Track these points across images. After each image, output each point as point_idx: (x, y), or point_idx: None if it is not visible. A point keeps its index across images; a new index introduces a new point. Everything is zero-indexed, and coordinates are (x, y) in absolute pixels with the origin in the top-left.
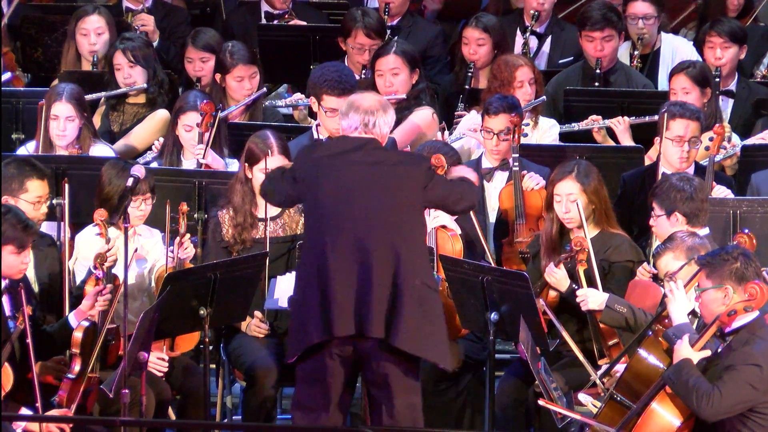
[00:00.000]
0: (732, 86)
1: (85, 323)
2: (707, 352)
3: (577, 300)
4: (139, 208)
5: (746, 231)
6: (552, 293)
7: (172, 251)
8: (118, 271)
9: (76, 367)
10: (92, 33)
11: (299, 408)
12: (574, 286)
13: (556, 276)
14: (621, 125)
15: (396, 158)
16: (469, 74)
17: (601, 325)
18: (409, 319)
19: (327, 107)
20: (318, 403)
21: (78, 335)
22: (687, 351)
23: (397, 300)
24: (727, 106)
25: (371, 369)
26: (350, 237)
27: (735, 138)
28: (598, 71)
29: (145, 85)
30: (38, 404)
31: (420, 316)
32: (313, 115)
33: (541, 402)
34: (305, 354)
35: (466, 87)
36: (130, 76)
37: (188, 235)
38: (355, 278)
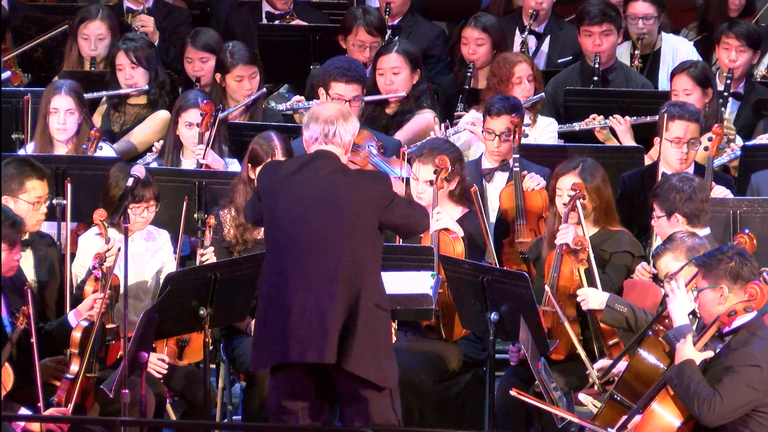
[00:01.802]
0: (740, 89)
1: (84, 323)
2: (710, 353)
3: (578, 299)
4: (141, 215)
5: (747, 231)
6: (568, 276)
7: (198, 253)
8: (118, 271)
9: (74, 367)
10: (93, 38)
11: (272, 414)
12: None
13: (566, 232)
14: (622, 125)
15: (353, 178)
16: (469, 74)
17: (602, 325)
18: (361, 343)
19: (334, 94)
20: (290, 410)
21: (77, 335)
22: (690, 351)
23: (351, 325)
24: (734, 108)
25: (338, 384)
26: (306, 260)
27: (739, 140)
28: (596, 66)
29: (146, 87)
30: (40, 404)
31: (369, 339)
32: None
33: (512, 392)
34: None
35: (466, 87)
36: (132, 77)
37: (211, 248)
38: (313, 303)
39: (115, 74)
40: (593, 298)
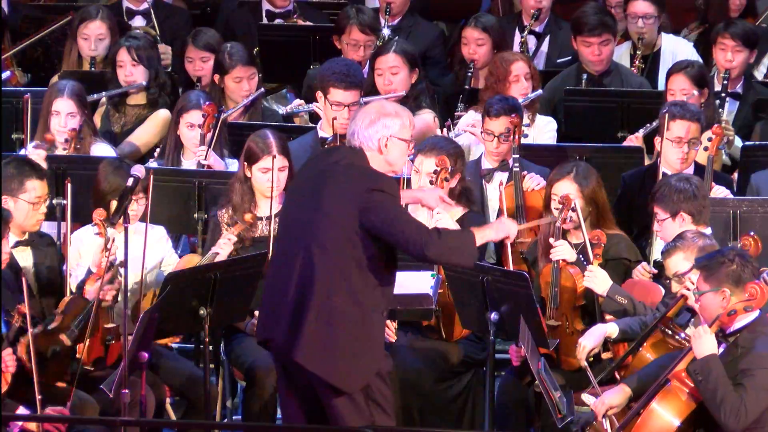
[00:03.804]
0: (738, 88)
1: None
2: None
3: (585, 273)
4: (131, 207)
5: (752, 233)
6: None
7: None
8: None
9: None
10: (93, 38)
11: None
12: (581, 257)
13: (562, 247)
14: (634, 143)
15: (344, 171)
16: (469, 74)
17: (606, 316)
18: (311, 336)
19: (333, 101)
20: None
21: (66, 299)
22: (711, 345)
23: (301, 315)
24: (733, 108)
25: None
26: (284, 244)
27: (738, 141)
28: (585, 76)
29: (144, 83)
30: (38, 402)
31: (325, 335)
32: (313, 119)
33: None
34: None
35: (466, 87)
36: (132, 74)
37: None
38: (277, 286)
39: (116, 72)
40: (599, 280)
